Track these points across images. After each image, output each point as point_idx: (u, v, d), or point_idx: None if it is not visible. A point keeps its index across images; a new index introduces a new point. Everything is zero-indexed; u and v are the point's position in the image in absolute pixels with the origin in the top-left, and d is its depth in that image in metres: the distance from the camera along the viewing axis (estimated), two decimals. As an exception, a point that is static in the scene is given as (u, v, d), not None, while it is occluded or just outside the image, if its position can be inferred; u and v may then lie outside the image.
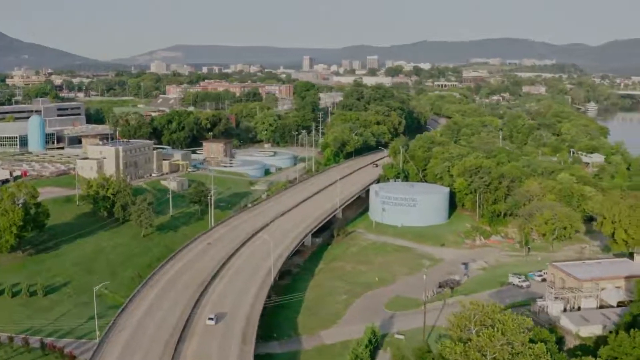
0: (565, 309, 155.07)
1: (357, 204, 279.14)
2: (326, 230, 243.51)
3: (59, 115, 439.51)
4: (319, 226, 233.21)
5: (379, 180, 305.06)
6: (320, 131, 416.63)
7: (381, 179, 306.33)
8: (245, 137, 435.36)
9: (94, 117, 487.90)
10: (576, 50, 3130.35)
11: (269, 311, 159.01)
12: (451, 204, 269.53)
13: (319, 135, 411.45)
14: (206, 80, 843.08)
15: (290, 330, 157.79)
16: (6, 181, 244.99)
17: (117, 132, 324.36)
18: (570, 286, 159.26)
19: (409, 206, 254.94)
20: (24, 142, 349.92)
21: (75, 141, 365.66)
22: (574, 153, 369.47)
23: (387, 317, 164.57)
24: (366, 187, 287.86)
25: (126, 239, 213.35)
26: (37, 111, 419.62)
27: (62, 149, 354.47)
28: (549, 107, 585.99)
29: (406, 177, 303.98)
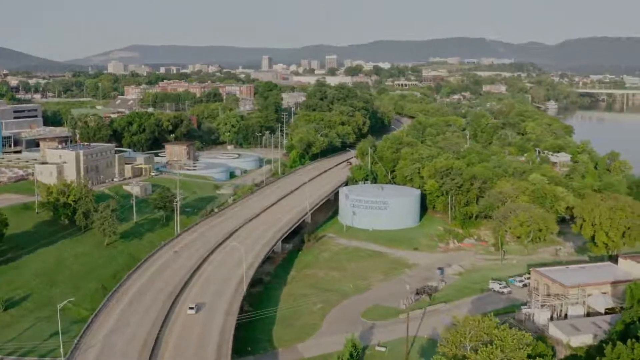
0: (551, 317, 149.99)
1: (326, 207, 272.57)
2: (296, 236, 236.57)
3: (15, 118, 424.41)
4: (289, 231, 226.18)
5: (347, 182, 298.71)
6: (283, 132, 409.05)
7: (350, 181, 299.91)
8: (208, 139, 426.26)
9: (52, 119, 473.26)
10: (533, 49, 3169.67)
11: (243, 323, 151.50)
12: (422, 206, 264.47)
13: (283, 136, 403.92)
14: (165, 81, 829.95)
15: (265, 343, 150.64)
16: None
17: (77, 135, 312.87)
18: (556, 293, 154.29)
19: (380, 209, 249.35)
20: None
21: (32, 144, 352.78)
22: (540, 152, 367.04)
23: (366, 328, 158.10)
24: (335, 190, 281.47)
25: (89, 248, 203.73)
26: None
27: (19, 152, 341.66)
28: (511, 106, 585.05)
29: (375, 179, 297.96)
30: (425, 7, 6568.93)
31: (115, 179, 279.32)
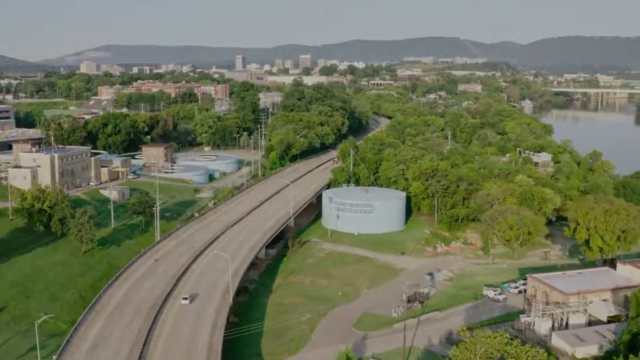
0: (553, 326, 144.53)
1: (309, 210, 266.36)
2: (280, 241, 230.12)
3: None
4: (273, 237, 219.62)
5: (329, 185, 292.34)
6: (261, 133, 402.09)
7: (332, 183, 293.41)
8: (184, 140, 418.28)
9: (24, 121, 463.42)
10: (506, 48, 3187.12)
11: (230, 336, 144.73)
12: (406, 208, 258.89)
13: (261, 137, 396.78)
14: (139, 81, 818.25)
15: (253, 357, 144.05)
16: None
17: (52, 137, 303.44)
18: (555, 300, 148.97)
19: (365, 213, 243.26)
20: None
21: (5, 147, 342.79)
22: (521, 152, 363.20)
23: (358, 339, 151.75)
24: (318, 192, 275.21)
25: (65, 256, 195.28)
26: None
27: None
28: (488, 105, 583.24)
29: (357, 181, 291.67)
30: (397, 6, 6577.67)
31: (91, 183, 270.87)
